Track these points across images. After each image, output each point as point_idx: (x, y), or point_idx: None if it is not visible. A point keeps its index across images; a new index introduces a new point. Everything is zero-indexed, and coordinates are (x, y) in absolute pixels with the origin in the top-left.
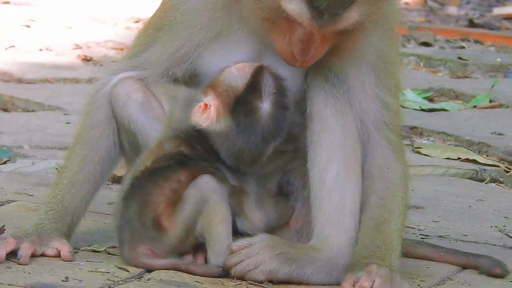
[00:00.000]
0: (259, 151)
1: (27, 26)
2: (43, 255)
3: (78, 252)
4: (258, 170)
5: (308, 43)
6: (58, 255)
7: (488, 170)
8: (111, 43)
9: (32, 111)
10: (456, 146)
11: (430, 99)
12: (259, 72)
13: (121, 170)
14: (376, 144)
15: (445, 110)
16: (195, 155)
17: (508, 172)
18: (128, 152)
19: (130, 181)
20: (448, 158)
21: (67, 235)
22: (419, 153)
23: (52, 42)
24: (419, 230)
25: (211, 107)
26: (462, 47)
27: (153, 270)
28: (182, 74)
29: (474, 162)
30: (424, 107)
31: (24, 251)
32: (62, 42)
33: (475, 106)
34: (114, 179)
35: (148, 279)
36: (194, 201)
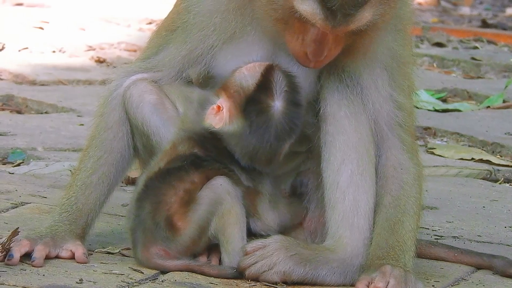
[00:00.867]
0: (274, 149)
1: (40, 28)
2: (57, 257)
3: (92, 254)
4: (273, 171)
5: (321, 44)
6: (72, 257)
7: (502, 170)
8: (124, 44)
9: (46, 113)
10: (469, 146)
11: (444, 100)
12: (269, 71)
13: (135, 172)
14: (390, 144)
15: (458, 111)
16: (208, 156)
17: None
18: (142, 154)
19: (144, 182)
20: (461, 159)
21: (81, 237)
22: (432, 153)
23: (65, 43)
24: (433, 230)
25: (223, 108)
26: (475, 48)
27: (167, 271)
28: (196, 76)
29: (488, 162)
30: (437, 108)
31: (38, 253)
32: (75, 43)
33: (488, 107)
34: (128, 181)
35: (162, 281)
36: (208, 202)
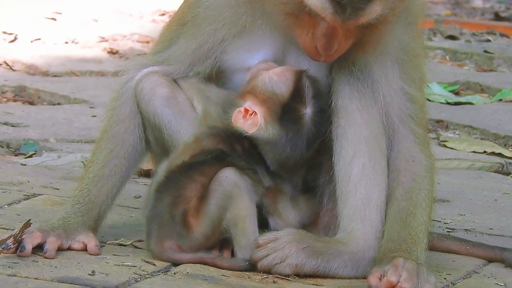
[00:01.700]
0: (303, 156)
1: (53, 19)
2: (69, 249)
3: (104, 246)
4: (297, 174)
5: (331, 38)
6: (85, 249)
7: None
8: (137, 36)
9: (58, 104)
10: (482, 139)
11: (456, 93)
12: (300, 77)
13: (147, 164)
14: (401, 137)
15: (471, 104)
16: (234, 154)
17: None
18: (154, 147)
19: (165, 174)
20: (474, 152)
21: (94, 229)
22: (445, 146)
23: (78, 35)
24: (445, 223)
25: (256, 114)
26: (488, 41)
27: (179, 264)
28: (208, 70)
29: (500, 155)
30: (450, 101)
31: (51, 245)
32: (88, 35)
33: (500, 100)
34: (141, 173)
35: (174, 273)
36: (217, 196)
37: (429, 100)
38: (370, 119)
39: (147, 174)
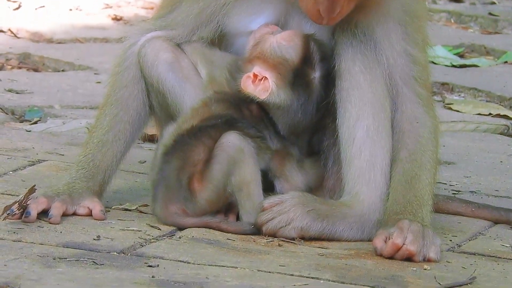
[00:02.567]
0: (313, 120)
1: None
2: (74, 214)
3: (109, 211)
4: (306, 138)
5: (333, 0)
6: (90, 214)
7: None
8: (141, 2)
9: (63, 71)
10: (487, 101)
11: (461, 55)
12: (308, 42)
13: (152, 129)
14: (405, 98)
15: (476, 66)
16: (243, 120)
17: None
18: (157, 112)
19: (174, 137)
20: (479, 114)
21: (99, 194)
22: (450, 109)
23: (82, 1)
24: (450, 185)
25: (267, 79)
26: (493, 3)
27: (184, 228)
28: (211, 35)
29: (506, 117)
30: (455, 63)
31: (55, 210)
32: (92, 1)
33: (506, 62)
34: (145, 138)
35: (179, 237)
36: (221, 162)
37: (434, 63)
38: (374, 81)
39: (151, 139)
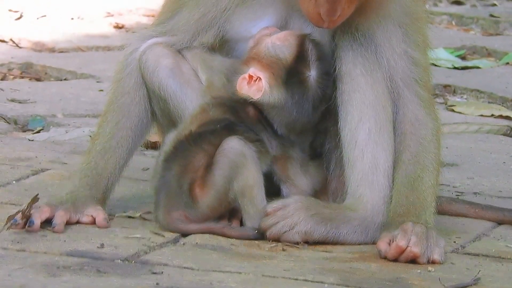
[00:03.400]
0: (310, 119)
1: None
2: (78, 223)
3: (113, 219)
4: (305, 139)
5: (334, 3)
6: (93, 222)
7: None
8: (143, 10)
9: (65, 79)
10: (489, 103)
11: (463, 57)
12: (303, 41)
13: (154, 136)
14: (406, 100)
15: (477, 68)
16: (241, 123)
17: None
18: (160, 118)
19: (173, 144)
20: (481, 115)
21: (102, 201)
22: (452, 111)
23: (83, 10)
24: (454, 187)
25: (261, 79)
26: (494, 5)
27: (188, 234)
28: (212, 40)
29: (508, 118)
30: (456, 65)
31: (59, 218)
32: (94, 10)
33: (507, 63)
34: (148, 145)
35: (183, 244)
36: (223, 167)
37: (436, 65)
38: (375, 83)
39: (154, 146)
